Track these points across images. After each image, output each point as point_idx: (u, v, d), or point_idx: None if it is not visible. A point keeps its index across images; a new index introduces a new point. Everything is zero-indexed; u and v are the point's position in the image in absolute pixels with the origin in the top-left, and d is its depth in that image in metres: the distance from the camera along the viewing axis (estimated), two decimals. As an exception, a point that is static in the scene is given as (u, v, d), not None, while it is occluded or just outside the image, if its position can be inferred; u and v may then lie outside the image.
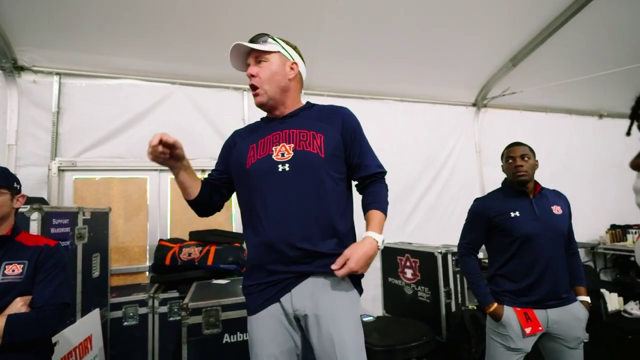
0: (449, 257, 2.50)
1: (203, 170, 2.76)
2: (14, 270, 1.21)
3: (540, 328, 1.47)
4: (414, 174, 3.48)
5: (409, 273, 2.81)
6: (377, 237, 1.08)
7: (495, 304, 1.54)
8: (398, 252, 2.89)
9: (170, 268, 2.48)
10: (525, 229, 1.51)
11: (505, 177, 1.68)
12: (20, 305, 1.17)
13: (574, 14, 2.69)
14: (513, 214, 1.55)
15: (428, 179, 3.55)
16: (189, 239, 2.67)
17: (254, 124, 1.29)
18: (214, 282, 2.33)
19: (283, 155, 1.09)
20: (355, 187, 1.25)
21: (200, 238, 2.62)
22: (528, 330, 1.45)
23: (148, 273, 2.73)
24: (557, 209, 1.57)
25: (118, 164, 2.69)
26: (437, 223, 3.51)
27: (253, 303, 1.11)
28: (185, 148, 1.08)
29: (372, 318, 2.43)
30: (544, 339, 1.53)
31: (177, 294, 2.35)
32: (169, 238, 2.72)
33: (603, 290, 2.85)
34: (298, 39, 1.28)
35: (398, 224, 3.35)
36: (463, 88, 3.65)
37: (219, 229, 2.70)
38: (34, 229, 1.57)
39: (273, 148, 1.12)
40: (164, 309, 2.32)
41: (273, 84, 1.16)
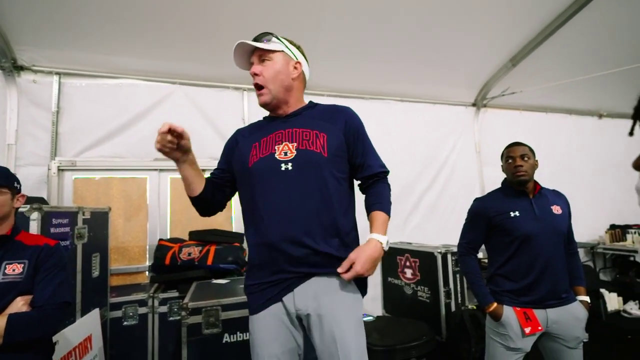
0: (449, 256, 2.50)
1: (203, 170, 2.75)
2: (15, 270, 1.21)
3: (540, 328, 1.47)
4: (414, 174, 3.49)
5: (409, 273, 2.82)
6: (381, 238, 1.08)
7: (495, 304, 1.54)
8: (398, 251, 2.90)
9: (170, 268, 2.47)
10: (525, 229, 1.52)
11: (505, 177, 1.68)
12: (21, 305, 1.17)
13: (574, 14, 2.70)
14: (513, 214, 1.55)
15: (428, 179, 3.55)
16: (189, 239, 2.67)
17: (257, 123, 1.28)
18: (214, 281, 2.33)
19: (286, 154, 1.09)
20: (358, 186, 1.24)
21: (200, 238, 2.62)
22: (527, 330, 1.46)
23: (148, 273, 2.72)
24: (556, 209, 1.58)
25: (118, 164, 2.68)
26: (436, 223, 3.51)
27: (254, 303, 1.10)
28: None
29: (371, 318, 2.43)
30: (544, 339, 1.53)
31: (176, 294, 2.35)
32: (169, 238, 2.72)
33: (602, 290, 2.86)
34: (298, 39, 1.28)
35: (398, 224, 3.35)
36: (463, 88, 3.65)
37: (219, 229, 2.69)
38: (34, 229, 1.56)
39: (276, 147, 1.11)
40: (164, 309, 2.33)
41: (277, 83, 1.15)
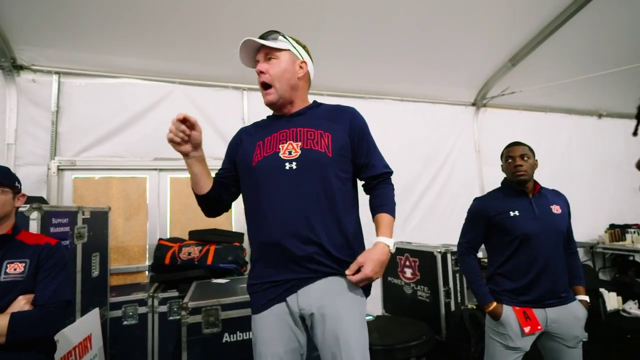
0: (449, 256, 2.51)
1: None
2: (16, 269, 1.22)
3: (539, 327, 1.47)
4: (414, 174, 3.49)
5: (409, 272, 2.82)
6: (388, 241, 1.10)
7: (495, 303, 1.54)
8: (397, 251, 2.90)
9: (170, 267, 2.48)
10: (525, 228, 1.52)
11: (505, 176, 1.69)
12: (23, 304, 1.18)
13: (574, 14, 2.70)
14: (512, 213, 1.55)
15: (427, 179, 3.55)
16: (189, 239, 2.67)
17: (261, 122, 1.28)
18: (214, 281, 2.32)
19: (290, 154, 1.09)
20: (362, 186, 1.25)
21: (200, 237, 2.62)
22: (527, 329, 1.46)
23: (147, 272, 2.72)
24: (556, 209, 1.58)
25: (117, 163, 2.68)
26: (436, 222, 3.51)
27: (257, 302, 1.10)
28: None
29: (371, 317, 2.43)
30: (543, 338, 1.53)
31: (176, 294, 2.35)
32: (169, 237, 2.72)
33: (602, 290, 2.86)
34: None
35: (397, 224, 3.28)
36: (462, 88, 3.65)
37: (219, 229, 2.69)
38: (34, 228, 1.56)
39: (280, 146, 1.11)
40: (164, 309, 2.33)
41: (283, 82, 1.15)
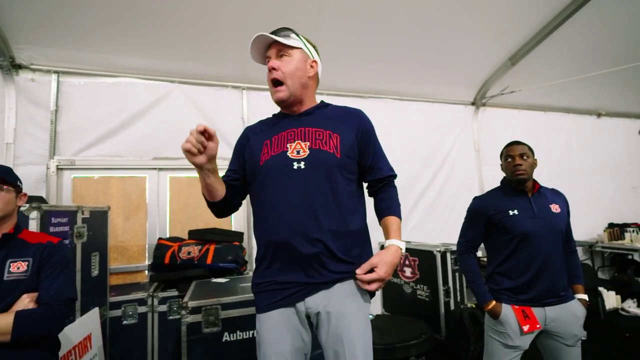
0: (448, 255, 2.51)
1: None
2: (19, 268, 1.22)
3: (538, 326, 1.48)
4: (413, 173, 3.49)
5: (408, 272, 2.82)
6: (400, 244, 1.11)
7: (494, 302, 1.54)
8: (397, 250, 2.90)
9: (170, 267, 2.47)
10: (524, 227, 1.52)
11: (504, 175, 1.69)
12: (27, 302, 1.18)
13: (573, 13, 2.70)
14: (512, 212, 1.56)
15: (427, 178, 3.56)
16: (188, 238, 2.67)
17: (267, 120, 1.27)
18: (213, 280, 2.32)
19: (298, 153, 1.08)
20: (367, 188, 1.25)
21: (200, 237, 2.62)
22: (526, 328, 1.46)
23: (147, 272, 2.72)
24: (555, 208, 1.58)
25: (117, 163, 2.68)
26: (436, 222, 3.52)
27: (262, 302, 1.10)
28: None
29: (371, 316, 2.42)
30: (542, 337, 1.54)
31: (176, 293, 2.35)
32: (168, 237, 2.72)
33: (601, 289, 2.87)
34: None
35: (397, 223, 3.34)
36: (462, 87, 3.66)
37: (218, 228, 2.69)
38: (33, 228, 1.56)
39: (288, 145, 1.11)
40: (163, 308, 2.33)
41: (295, 80, 1.14)
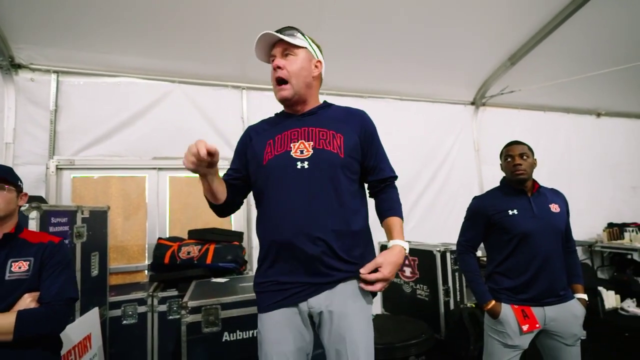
0: (448, 255, 2.51)
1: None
2: (21, 267, 1.22)
3: (538, 325, 1.48)
4: (413, 173, 3.49)
5: (408, 271, 2.82)
6: (404, 244, 1.11)
7: (493, 302, 1.55)
8: (397, 250, 2.90)
9: (169, 267, 2.47)
10: (523, 227, 1.52)
11: (504, 175, 1.69)
12: (29, 301, 1.18)
13: (572, 13, 2.70)
14: (511, 212, 1.56)
15: (427, 178, 3.56)
16: (188, 238, 2.67)
17: (270, 120, 1.27)
18: (213, 280, 2.32)
19: (302, 153, 1.09)
20: (368, 189, 1.25)
21: (199, 237, 2.62)
22: (525, 328, 1.46)
23: (147, 272, 2.72)
24: (555, 207, 1.58)
25: (116, 163, 2.68)
26: (435, 221, 3.52)
27: (264, 302, 1.09)
28: (184, 146, 1.06)
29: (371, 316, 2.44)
30: (542, 336, 1.54)
31: (176, 293, 2.36)
32: (168, 237, 2.71)
33: (600, 288, 2.87)
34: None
35: (397, 223, 3.34)
36: (462, 87, 3.66)
37: (218, 228, 2.69)
38: (33, 228, 1.56)
39: (291, 145, 1.11)
40: (163, 308, 2.33)
41: (300, 79, 1.14)
